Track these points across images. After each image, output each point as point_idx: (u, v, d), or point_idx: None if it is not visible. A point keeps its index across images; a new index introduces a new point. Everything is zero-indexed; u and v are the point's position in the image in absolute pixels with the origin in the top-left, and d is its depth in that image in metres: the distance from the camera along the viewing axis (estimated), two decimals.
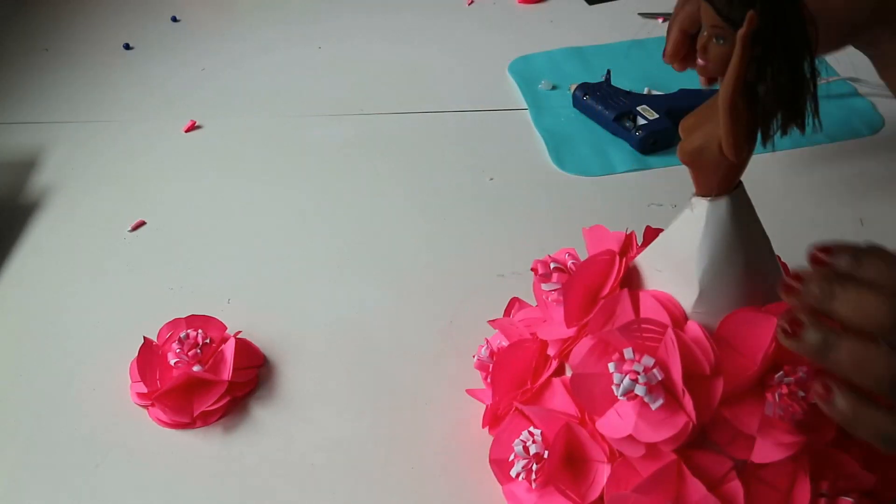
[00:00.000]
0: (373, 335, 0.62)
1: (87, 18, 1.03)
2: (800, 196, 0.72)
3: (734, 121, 0.37)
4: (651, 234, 0.49)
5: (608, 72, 0.83)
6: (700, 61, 0.38)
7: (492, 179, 0.76)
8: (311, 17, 1.02)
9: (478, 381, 0.57)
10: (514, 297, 0.59)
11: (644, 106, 0.79)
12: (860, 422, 0.38)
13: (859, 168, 0.75)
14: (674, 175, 0.75)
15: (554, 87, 0.87)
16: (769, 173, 0.74)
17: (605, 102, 0.81)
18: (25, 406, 0.58)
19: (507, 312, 0.59)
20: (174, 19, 1.02)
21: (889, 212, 0.70)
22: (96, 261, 0.69)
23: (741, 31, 0.34)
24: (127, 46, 0.97)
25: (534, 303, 0.58)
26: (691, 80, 0.86)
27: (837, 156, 0.76)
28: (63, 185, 0.77)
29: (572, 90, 0.84)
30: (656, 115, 0.78)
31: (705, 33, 0.37)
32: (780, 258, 0.51)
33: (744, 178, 0.44)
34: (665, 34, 0.63)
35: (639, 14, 0.98)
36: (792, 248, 0.59)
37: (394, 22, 1.00)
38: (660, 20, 0.97)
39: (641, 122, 0.78)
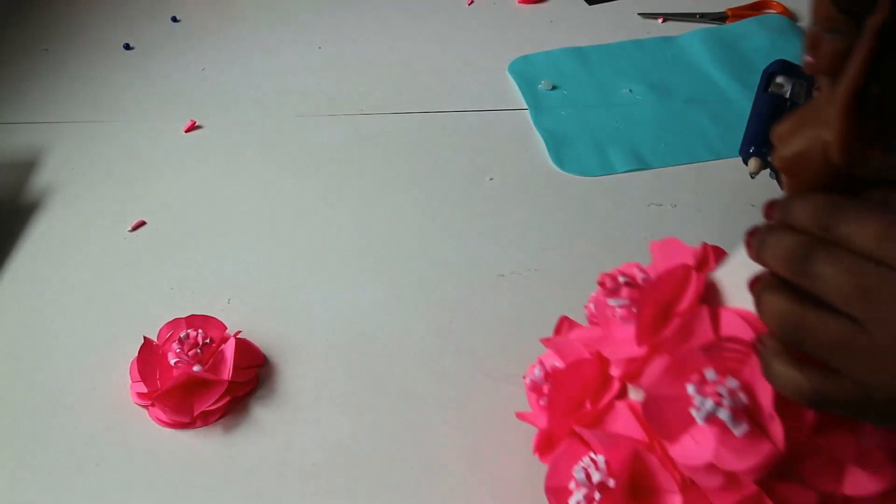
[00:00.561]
0: (373, 335, 0.62)
1: (87, 18, 1.03)
2: None
3: (849, 122, 0.34)
4: (715, 251, 0.46)
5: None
6: (809, 58, 0.35)
7: (492, 179, 0.76)
8: (311, 17, 1.02)
9: (478, 382, 0.58)
10: (564, 317, 0.55)
11: None
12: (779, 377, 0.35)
13: None
14: (673, 175, 0.75)
15: (554, 87, 0.87)
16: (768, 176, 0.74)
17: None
18: (25, 406, 0.58)
19: (558, 332, 0.55)
20: (174, 19, 1.02)
21: None
22: (96, 261, 0.69)
23: (873, 21, 0.31)
24: (127, 46, 0.97)
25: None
26: (698, 81, 0.86)
27: None
28: (63, 185, 0.77)
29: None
30: None
31: (815, 27, 0.34)
32: None
33: (745, 179, 0.43)
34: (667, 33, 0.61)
35: (638, 14, 0.98)
36: None
37: (394, 22, 1.00)
38: (660, 20, 0.97)
39: None
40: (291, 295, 0.65)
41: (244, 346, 0.60)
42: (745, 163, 0.65)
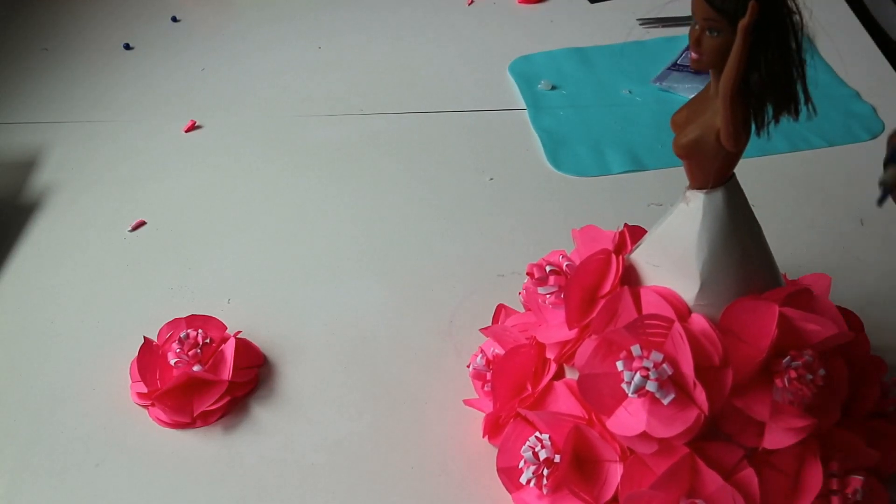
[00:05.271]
0: (373, 335, 0.62)
1: (87, 18, 1.03)
2: (799, 198, 0.72)
3: (734, 110, 0.38)
4: (633, 231, 0.50)
5: None
6: (693, 55, 0.38)
7: (491, 179, 0.76)
8: (310, 17, 1.02)
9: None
10: (501, 305, 0.59)
11: None
12: None
13: (858, 171, 0.74)
14: (669, 176, 0.74)
15: (554, 87, 0.87)
16: (769, 176, 0.74)
17: None
18: (25, 406, 0.58)
19: (496, 320, 0.59)
20: (174, 19, 1.02)
21: (889, 213, 0.70)
22: (96, 261, 0.69)
23: (743, 22, 0.35)
24: (127, 46, 0.97)
25: (519, 308, 0.58)
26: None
27: (837, 159, 0.76)
28: (63, 185, 0.77)
29: None
30: None
31: (697, 27, 0.37)
32: (785, 276, 0.51)
33: (744, 181, 0.44)
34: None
35: (637, 20, 0.97)
36: (791, 250, 0.59)
37: (394, 22, 1.00)
38: (659, 26, 0.96)
39: None
40: (291, 295, 0.65)
41: (244, 346, 0.60)
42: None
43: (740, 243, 0.43)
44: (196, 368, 0.56)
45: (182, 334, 0.57)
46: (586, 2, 1.02)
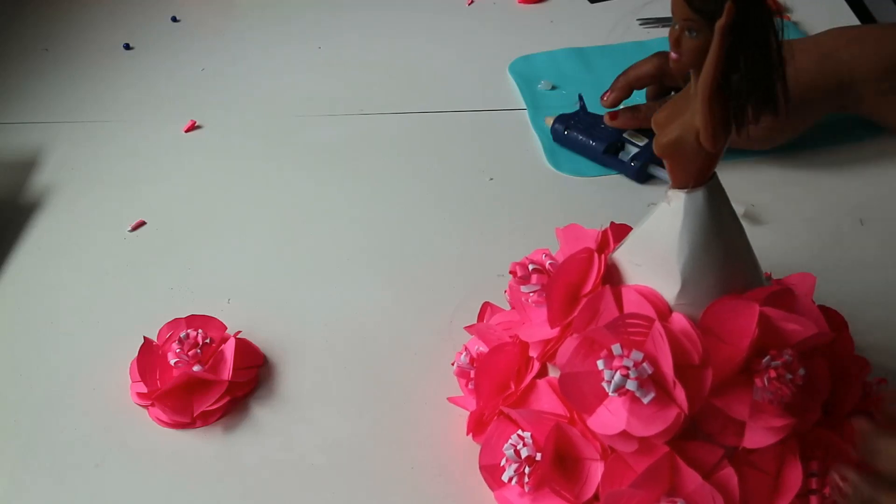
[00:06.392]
0: (373, 335, 0.62)
1: (87, 18, 1.03)
2: (799, 198, 0.72)
3: (712, 111, 0.38)
4: (618, 230, 0.50)
5: (581, 98, 0.78)
6: (673, 55, 0.38)
7: (491, 179, 0.76)
8: (311, 17, 1.02)
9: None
10: (486, 302, 0.59)
11: (630, 131, 0.75)
12: None
13: (859, 171, 0.74)
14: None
15: (554, 88, 0.87)
16: (768, 176, 0.74)
17: (589, 133, 0.75)
18: (25, 406, 0.58)
19: (481, 318, 0.59)
20: (174, 19, 1.02)
21: (889, 213, 0.70)
22: (96, 261, 0.69)
23: (720, 22, 0.35)
24: (127, 46, 0.97)
25: (505, 307, 0.58)
26: None
27: (837, 159, 0.76)
28: (63, 185, 0.77)
29: (550, 124, 0.78)
30: (645, 140, 0.74)
31: (677, 27, 0.37)
32: (769, 275, 0.51)
33: (743, 181, 0.44)
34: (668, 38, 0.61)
35: (637, 20, 0.97)
36: (791, 251, 0.59)
37: (394, 22, 1.00)
38: (659, 26, 0.96)
39: (632, 150, 0.74)
40: (291, 295, 0.65)
41: (244, 346, 0.60)
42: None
43: (721, 243, 0.44)
44: (196, 368, 0.56)
45: (182, 334, 0.57)
46: (586, 2, 1.02)
